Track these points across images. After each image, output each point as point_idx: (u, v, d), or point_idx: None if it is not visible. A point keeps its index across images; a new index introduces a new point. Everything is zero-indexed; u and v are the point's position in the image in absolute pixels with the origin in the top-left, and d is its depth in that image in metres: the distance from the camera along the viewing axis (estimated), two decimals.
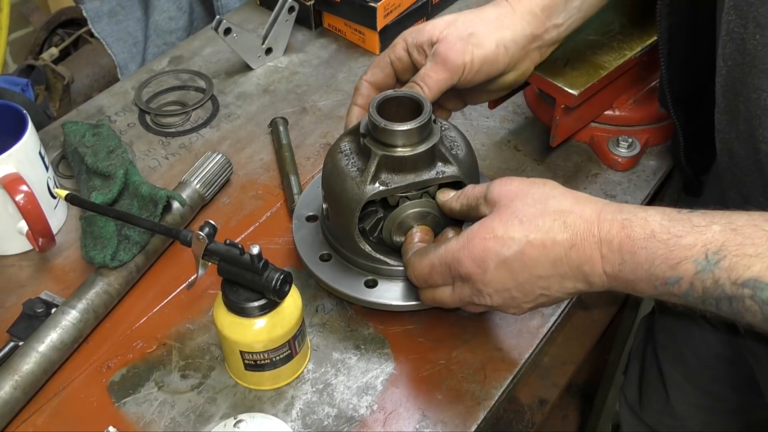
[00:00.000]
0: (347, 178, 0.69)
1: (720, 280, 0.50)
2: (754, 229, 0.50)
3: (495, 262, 0.59)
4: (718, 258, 0.50)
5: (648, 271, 0.53)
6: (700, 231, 0.52)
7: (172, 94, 1.04)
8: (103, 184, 0.81)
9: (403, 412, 0.68)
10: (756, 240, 0.50)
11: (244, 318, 0.64)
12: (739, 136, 0.66)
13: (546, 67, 0.83)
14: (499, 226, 0.59)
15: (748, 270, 0.49)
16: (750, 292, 0.49)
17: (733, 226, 0.51)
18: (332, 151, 0.72)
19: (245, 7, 1.21)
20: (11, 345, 0.71)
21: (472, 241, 0.60)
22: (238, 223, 0.85)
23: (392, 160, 0.68)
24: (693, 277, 0.51)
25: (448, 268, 0.62)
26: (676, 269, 0.52)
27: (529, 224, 0.58)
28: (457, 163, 0.69)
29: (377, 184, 0.68)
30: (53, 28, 1.47)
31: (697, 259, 0.51)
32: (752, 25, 0.59)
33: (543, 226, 0.58)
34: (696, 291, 0.52)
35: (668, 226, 0.53)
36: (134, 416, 0.68)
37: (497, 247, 0.59)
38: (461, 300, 0.64)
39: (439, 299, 0.66)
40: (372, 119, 0.67)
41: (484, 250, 0.59)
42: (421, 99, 0.69)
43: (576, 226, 0.57)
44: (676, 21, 0.75)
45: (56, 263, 0.82)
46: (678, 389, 1.07)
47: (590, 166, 0.91)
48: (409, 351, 0.72)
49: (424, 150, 0.68)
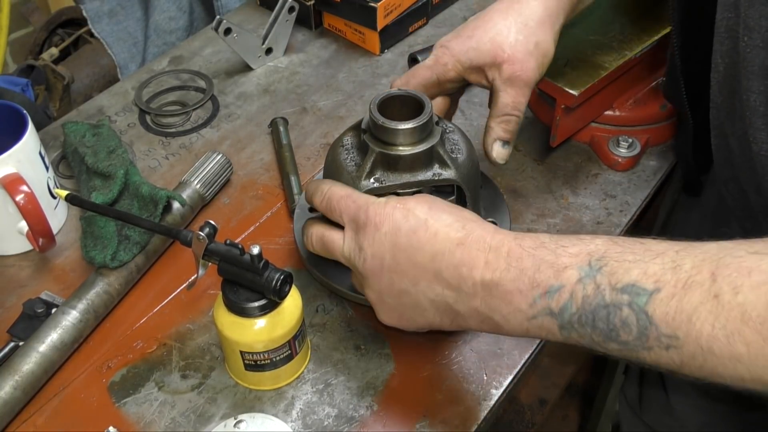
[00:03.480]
0: (344, 172, 0.70)
1: (601, 286, 0.50)
2: (633, 242, 0.51)
3: (389, 227, 0.60)
4: (601, 264, 0.50)
5: (531, 278, 0.53)
6: (585, 242, 0.53)
7: (172, 94, 1.04)
8: (103, 184, 0.81)
9: (403, 413, 0.68)
10: (635, 249, 0.50)
11: (245, 318, 0.64)
12: (735, 133, 0.66)
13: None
14: (411, 202, 0.61)
15: (626, 274, 0.49)
16: (628, 298, 0.49)
17: (614, 239, 0.52)
18: (335, 145, 0.73)
19: (245, 7, 1.21)
20: (11, 345, 0.71)
21: (386, 204, 0.61)
22: (238, 223, 0.85)
23: (389, 158, 0.68)
24: (575, 284, 0.51)
25: (354, 210, 0.63)
26: (560, 276, 0.52)
27: (435, 212, 0.59)
28: (455, 167, 0.69)
29: (372, 180, 0.68)
30: (53, 28, 1.47)
31: (581, 266, 0.51)
32: (742, 26, 0.59)
33: (445, 219, 0.59)
34: (575, 302, 0.51)
35: (557, 239, 0.54)
36: (134, 416, 0.68)
37: (398, 216, 0.60)
38: (341, 248, 0.64)
39: (328, 239, 0.66)
40: (372, 116, 0.68)
41: (387, 214, 0.60)
42: (423, 99, 0.69)
43: (472, 231, 0.57)
44: (685, 16, 0.74)
45: (56, 263, 0.82)
46: (677, 390, 1.07)
47: (590, 166, 0.91)
48: (409, 351, 0.72)
49: (421, 150, 0.68)
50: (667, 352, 0.49)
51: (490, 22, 0.73)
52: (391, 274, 0.60)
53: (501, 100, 0.72)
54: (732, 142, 0.67)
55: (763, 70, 0.59)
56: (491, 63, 0.72)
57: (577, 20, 0.89)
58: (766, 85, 0.60)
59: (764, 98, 0.60)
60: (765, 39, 0.58)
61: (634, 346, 0.49)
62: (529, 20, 0.72)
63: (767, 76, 0.59)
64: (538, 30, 0.71)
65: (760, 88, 0.60)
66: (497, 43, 0.71)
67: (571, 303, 0.51)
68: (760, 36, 0.58)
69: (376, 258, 0.60)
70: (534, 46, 0.71)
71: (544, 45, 0.72)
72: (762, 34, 0.58)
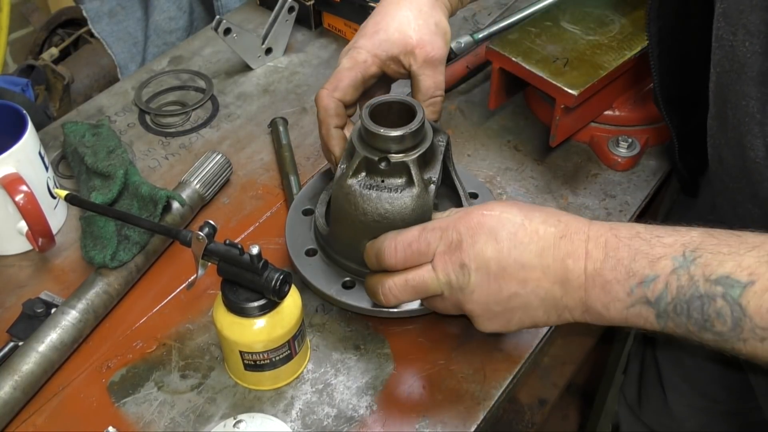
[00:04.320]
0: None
1: (695, 277, 0.51)
2: (729, 234, 0.52)
3: (487, 235, 0.59)
4: (695, 255, 0.52)
5: (628, 267, 0.54)
6: (680, 233, 0.54)
7: (172, 94, 1.04)
8: (102, 184, 0.81)
9: (402, 413, 0.68)
10: (731, 242, 0.51)
11: (244, 318, 0.64)
12: (728, 143, 0.66)
13: (546, 67, 0.83)
14: (498, 207, 0.61)
15: (721, 267, 0.50)
16: (722, 290, 0.50)
17: (710, 231, 0.53)
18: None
19: (245, 7, 1.21)
20: (11, 345, 0.71)
21: (471, 214, 0.61)
22: (237, 223, 0.85)
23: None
24: (669, 275, 0.52)
25: (440, 233, 0.61)
26: (654, 266, 0.53)
27: (527, 213, 0.60)
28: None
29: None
30: (53, 28, 1.47)
31: (675, 256, 0.52)
32: (742, 32, 0.59)
33: (539, 216, 0.59)
34: (670, 291, 0.52)
35: (652, 229, 0.55)
36: (134, 416, 0.68)
37: (492, 223, 0.59)
38: (436, 280, 0.61)
39: (416, 281, 0.63)
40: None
41: (479, 223, 0.60)
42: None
43: (569, 222, 0.59)
44: (665, 24, 0.75)
45: (56, 263, 0.82)
46: (675, 390, 1.07)
47: (590, 166, 0.91)
48: (409, 351, 0.72)
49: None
50: (762, 344, 0.50)
51: (388, 15, 0.76)
52: (499, 281, 0.59)
53: (423, 84, 0.75)
54: (725, 152, 0.67)
55: (761, 76, 0.59)
56: (404, 51, 0.75)
57: (577, 20, 0.90)
58: (763, 91, 0.60)
59: (761, 105, 0.60)
60: (763, 45, 0.58)
61: (729, 336, 0.51)
62: (423, 6, 0.76)
63: (764, 82, 0.59)
64: (433, 12, 0.76)
65: (757, 95, 0.60)
66: (403, 31, 0.75)
67: (666, 293, 0.52)
68: (760, 42, 0.58)
69: (481, 269, 0.59)
70: (435, 26, 0.75)
71: (442, 24, 0.76)
72: (761, 40, 0.58)
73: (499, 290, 0.60)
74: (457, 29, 1.12)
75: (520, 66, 0.84)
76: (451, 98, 1.01)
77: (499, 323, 0.62)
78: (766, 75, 0.59)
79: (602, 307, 0.56)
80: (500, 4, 1.17)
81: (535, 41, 0.87)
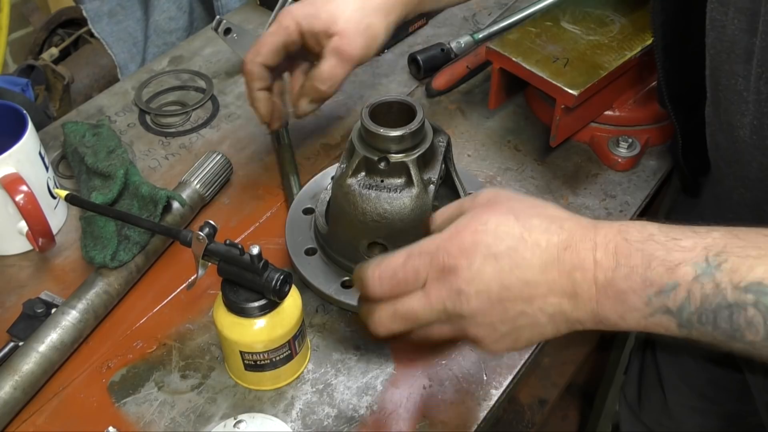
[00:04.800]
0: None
1: (721, 285, 0.46)
2: (756, 234, 0.48)
3: (484, 255, 0.53)
4: (720, 260, 0.46)
5: (643, 275, 0.49)
6: (700, 235, 0.49)
7: (172, 94, 1.04)
8: (103, 184, 0.81)
9: (403, 413, 0.68)
10: (759, 243, 0.47)
11: (244, 318, 0.64)
12: (721, 127, 0.66)
13: (546, 67, 0.83)
14: (493, 219, 0.54)
15: (751, 272, 0.45)
16: (753, 298, 0.45)
17: (734, 231, 0.48)
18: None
19: (245, 7, 1.21)
20: (11, 345, 0.71)
21: (462, 232, 0.54)
22: (238, 223, 0.85)
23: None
24: (691, 283, 0.47)
25: (429, 258, 0.54)
26: (673, 273, 0.48)
27: (525, 222, 0.53)
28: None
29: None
30: (53, 28, 1.47)
31: (696, 262, 0.47)
32: (732, 10, 0.59)
33: (539, 225, 0.53)
34: (694, 301, 0.47)
35: (666, 230, 0.50)
36: (134, 416, 0.68)
37: (489, 240, 0.53)
38: (428, 308, 0.55)
39: (406, 310, 0.56)
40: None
41: (474, 242, 0.53)
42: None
43: (572, 230, 0.53)
44: (668, 17, 0.75)
45: (56, 263, 0.82)
46: (675, 391, 1.07)
47: (590, 166, 0.91)
48: (409, 351, 0.72)
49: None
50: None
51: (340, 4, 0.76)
52: (503, 303, 0.53)
53: (321, 66, 0.76)
54: (719, 136, 0.67)
55: (746, 54, 0.59)
56: (324, 32, 0.75)
57: (577, 20, 0.90)
58: (748, 69, 0.60)
59: (747, 82, 0.60)
60: (750, 22, 0.58)
61: (762, 346, 0.47)
62: (367, 3, 0.75)
63: (749, 60, 0.59)
64: (373, 14, 0.75)
65: (743, 73, 0.60)
66: (334, 15, 0.75)
67: (689, 302, 0.48)
68: (747, 19, 0.58)
69: (482, 293, 0.53)
70: (366, 27, 0.75)
71: (375, 29, 0.75)
72: (748, 17, 0.58)
73: (504, 311, 0.54)
74: (458, 29, 1.12)
75: (521, 66, 0.84)
76: (451, 98, 1.01)
77: (506, 343, 0.56)
78: (752, 53, 0.59)
79: (618, 318, 0.51)
80: (500, 4, 1.17)
81: (535, 41, 0.87)
